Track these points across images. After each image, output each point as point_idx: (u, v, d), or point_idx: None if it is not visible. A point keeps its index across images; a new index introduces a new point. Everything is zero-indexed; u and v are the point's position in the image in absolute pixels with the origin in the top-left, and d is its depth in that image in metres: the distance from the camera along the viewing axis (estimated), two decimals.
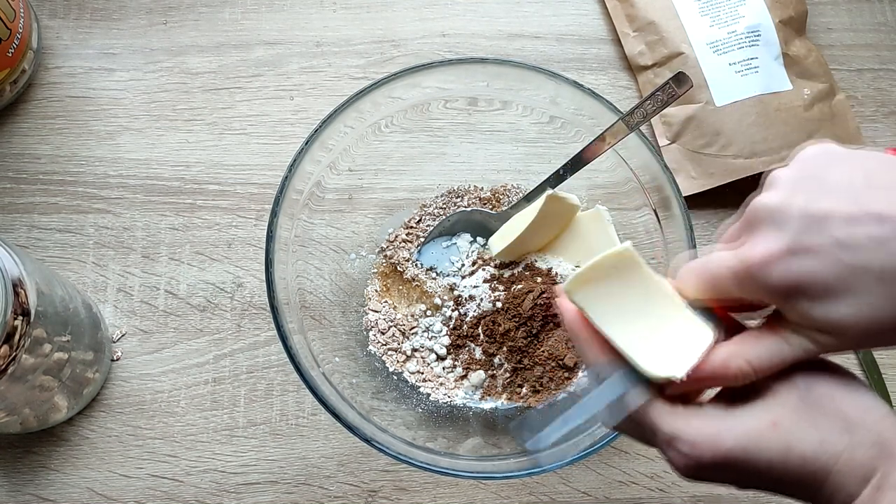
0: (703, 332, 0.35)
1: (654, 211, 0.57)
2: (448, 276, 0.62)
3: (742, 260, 0.33)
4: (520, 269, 0.60)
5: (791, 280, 0.31)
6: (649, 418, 0.35)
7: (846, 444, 0.32)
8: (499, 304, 0.59)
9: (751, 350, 0.34)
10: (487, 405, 0.59)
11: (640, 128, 0.53)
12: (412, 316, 0.61)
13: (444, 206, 0.64)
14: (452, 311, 0.60)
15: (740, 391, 0.35)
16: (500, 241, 0.60)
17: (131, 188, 0.66)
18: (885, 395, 0.61)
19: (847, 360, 0.63)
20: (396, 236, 0.63)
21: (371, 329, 0.60)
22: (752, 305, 0.36)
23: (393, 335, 0.60)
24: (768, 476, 0.33)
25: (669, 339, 0.35)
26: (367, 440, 0.49)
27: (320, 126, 0.55)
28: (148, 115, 0.68)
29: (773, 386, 0.34)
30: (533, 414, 0.35)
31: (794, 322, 0.33)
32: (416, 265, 0.62)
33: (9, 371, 0.47)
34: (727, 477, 0.34)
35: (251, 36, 0.71)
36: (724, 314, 0.37)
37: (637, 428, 0.36)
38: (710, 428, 0.34)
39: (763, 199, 0.33)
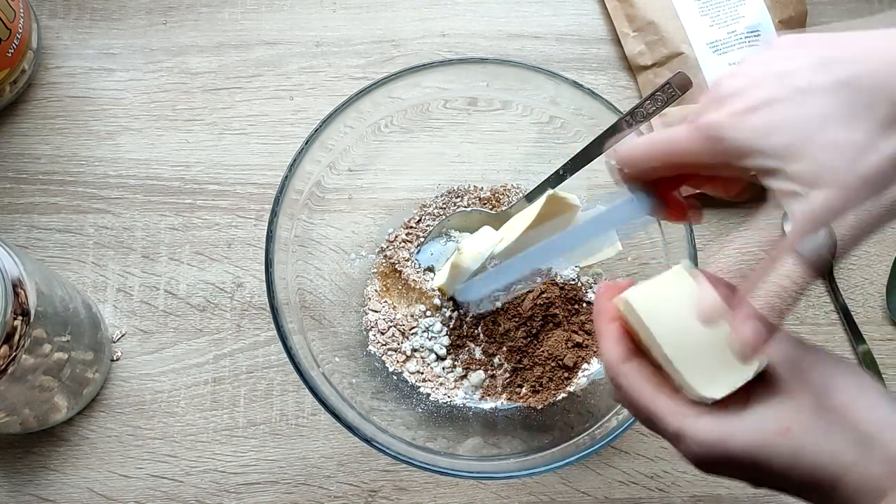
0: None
1: None
2: None
3: (704, 122, 0.33)
4: None
5: (752, 133, 0.31)
6: (657, 415, 0.35)
7: (858, 458, 0.31)
8: (498, 304, 0.59)
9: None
10: (487, 405, 0.59)
11: (640, 127, 0.53)
12: (412, 316, 0.61)
13: (444, 206, 0.64)
14: (452, 311, 0.60)
15: (756, 387, 0.34)
16: (473, 246, 0.58)
17: (131, 188, 0.66)
18: None
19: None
20: (396, 236, 0.63)
21: (371, 329, 0.60)
22: (686, 179, 0.36)
23: (393, 335, 0.60)
24: (779, 478, 0.33)
25: (719, 361, 0.34)
26: (367, 440, 0.49)
27: (320, 126, 0.55)
28: (148, 115, 0.68)
29: (789, 385, 0.33)
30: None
31: (771, 188, 0.32)
32: (415, 265, 0.62)
33: (9, 371, 0.47)
34: (737, 475, 0.34)
35: (251, 36, 0.71)
36: (665, 193, 0.38)
37: (647, 421, 0.36)
38: (719, 429, 0.33)
39: (725, 74, 0.34)
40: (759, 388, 0.34)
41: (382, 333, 0.60)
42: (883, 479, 0.31)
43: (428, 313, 0.61)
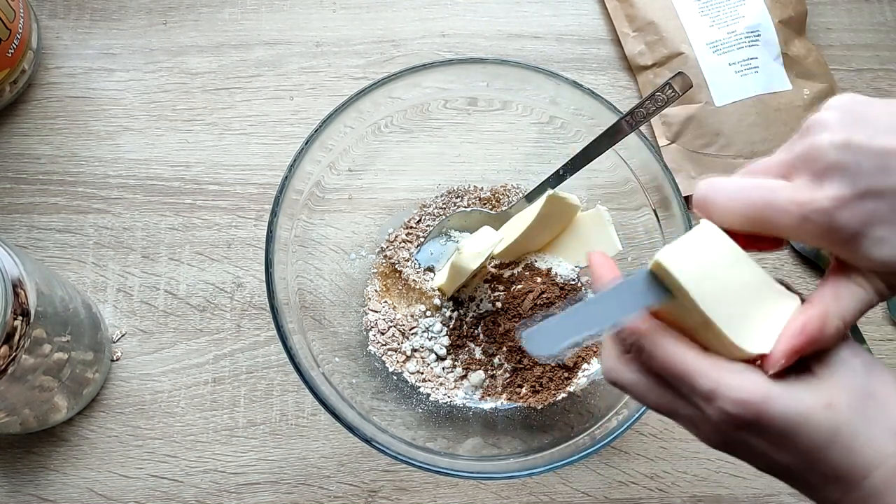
0: (789, 302, 0.34)
1: (654, 211, 0.57)
2: None
3: (807, 202, 0.32)
4: (519, 269, 0.60)
5: (859, 223, 0.31)
6: (687, 367, 0.33)
7: (893, 449, 0.31)
8: (498, 305, 0.59)
9: (838, 305, 0.32)
10: (487, 405, 0.59)
11: (640, 128, 0.53)
12: (412, 316, 0.61)
13: (444, 206, 0.64)
14: (452, 311, 0.60)
15: (802, 363, 0.33)
16: (473, 245, 0.57)
17: (131, 188, 0.66)
18: None
19: None
20: (396, 236, 0.63)
21: (371, 329, 0.60)
22: (771, 242, 0.35)
23: (393, 335, 0.60)
24: (806, 456, 0.31)
25: (760, 313, 0.33)
26: (367, 440, 0.49)
27: (320, 126, 0.55)
28: (148, 115, 0.68)
29: (836, 367, 0.33)
30: (543, 324, 0.34)
31: (860, 267, 0.32)
32: (415, 265, 0.62)
33: (9, 371, 0.47)
34: (758, 449, 0.32)
35: (251, 36, 0.71)
36: (744, 245, 0.35)
37: (668, 382, 0.34)
38: (760, 389, 0.32)
39: (823, 139, 0.32)
40: (804, 364, 0.33)
41: (382, 333, 0.60)
42: None
43: (428, 313, 0.61)
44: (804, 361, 0.33)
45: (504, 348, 0.58)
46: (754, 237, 0.34)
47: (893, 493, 0.30)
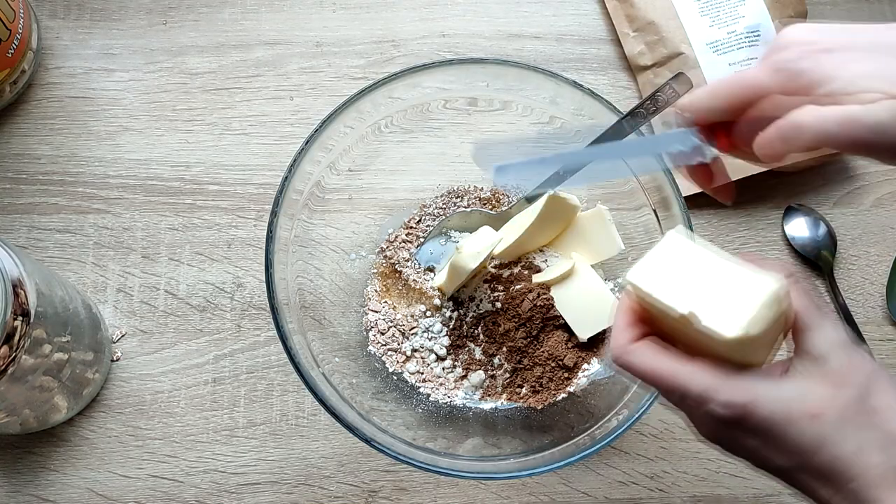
0: (767, 282, 0.34)
1: (654, 211, 0.57)
2: None
3: (778, 58, 0.36)
4: (519, 268, 0.60)
5: (824, 68, 0.35)
6: (679, 378, 0.34)
7: (882, 461, 0.31)
8: (498, 305, 0.59)
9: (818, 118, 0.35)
10: (487, 405, 0.59)
11: (640, 128, 0.53)
12: (412, 316, 0.61)
13: (444, 206, 0.64)
14: (452, 311, 0.60)
15: (801, 362, 0.34)
16: (472, 245, 0.57)
17: (131, 188, 0.66)
18: None
19: None
20: (396, 236, 0.63)
21: (371, 329, 0.60)
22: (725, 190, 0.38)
23: (393, 335, 0.60)
24: (796, 458, 0.32)
25: (736, 299, 0.34)
26: (368, 440, 0.49)
27: (320, 126, 0.55)
28: (148, 116, 0.68)
29: (834, 372, 0.33)
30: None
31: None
32: (415, 265, 0.62)
33: (9, 371, 0.47)
34: (749, 447, 0.34)
35: (251, 36, 0.71)
36: (727, 145, 0.40)
37: (664, 390, 0.35)
38: (750, 390, 0.33)
39: (792, 25, 0.38)
40: (803, 364, 0.34)
41: (382, 334, 0.60)
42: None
43: (428, 313, 0.61)
44: (810, 364, 0.33)
45: (504, 348, 0.58)
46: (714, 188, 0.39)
47: (873, 498, 0.31)
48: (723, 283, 0.34)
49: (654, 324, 0.37)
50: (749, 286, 0.34)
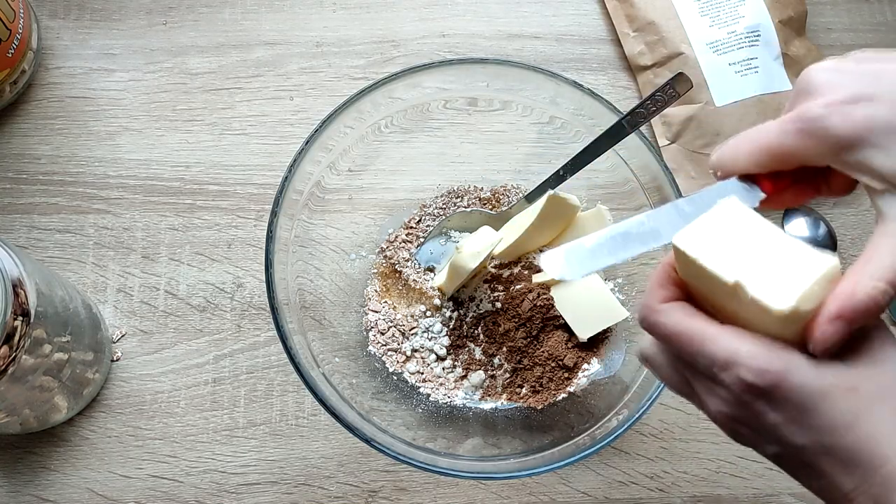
0: (824, 260, 0.32)
1: None
2: None
3: (801, 113, 0.32)
4: (519, 268, 0.60)
5: (855, 125, 0.31)
6: (708, 342, 0.32)
7: None
8: (498, 305, 0.59)
9: (869, 265, 0.31)
10: (487, 405, 0.59)
11: (640, 128, 0.53)
12: (412, 316, 0.61)
13: (444, 206, 0.64)
14: (452, 311, 0.60)
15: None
16: (472, 245, 0.57)
17: (131, 188, 0.66)
18: None
19: None
20: (396, 236, 0.63)
21: (371, 329, 0.60)
22: (803, 178, 0.34)
23: (393, 335, 0.60)
24: (823, 437, 0.30)
25: (787, 273, 0.31)
26: (368, 441, 0.49)
27: (320, 126, 0.55)
28: (148, 116, 0.68)
29: (873, 355, 0.31)
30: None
31: (865, 183, 0.32)
32: (415, 265, 0.62)
33: (9, 371, 0.47)
34: (775, 420, 0.31)
35: (251, 36, 0.71)
36: (772, 189, 0.35)
37: (690, 353, 0.33)
38: (783, 358, 0.30)
39: (815, 67, 0.33)
40: (839, 353, 0.32)
41: (382, 334, 0.60)
42: None
43: (428, 313, 0.61)
44: (847, 348, 0.31)
45: (504, 348, 0.58)
46: (783, 186, 0.34)
47: None
48: (776, 256, 0.32)
49: (693, 295, 0.35)
50: (804, 261, 0.32)
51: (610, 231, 0.33)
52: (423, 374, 0.60)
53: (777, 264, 0.32)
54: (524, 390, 0.58)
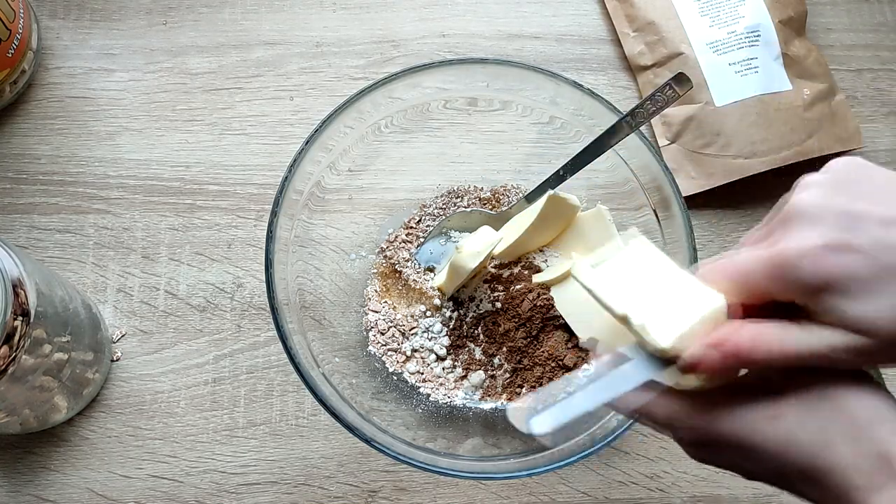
0: (712, 297, 0.33)
1: (654, 211, 0.57)
2: None
3: (777, 252, 0.32)
4: (519, 268, 0.60)
5: (825, 274, 0.31)
6: (651, 412, 0.35)
7: (850, 453, 0.31)
8: (498, 305, 0.59)
9: (781, 333, 0.32)
10: (487, 405, 0.59)
11: (640, 128, 0.53)
12: (412, 316, 0.61)
13: (444, 206, 0.64)
14: (452, 311, 0.60)
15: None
16: (472, 244, 0.57)
17: (131, 188, 0.66)
18: None
19: None
20: (396, 237, 0.63)
21: (371, 329, 0.60)
22: (777, 309, 0.34)
23: (393, 335, 0.60)
24: (771, 464, 0.33)
25: (679, 307, 0.33)
26: (368, 441, 0.49)
27: (320, 126, 0.55)
28: (148, 116, 0.68)
29: (787, 384, 0.33)
30: (535, 398, 0.34)
31: (824, 321, 0.32)
32: (415, 265, 0.62)
33: (9, 371, 0.47)
34: (730, 461, 0.34)
35: (251, 36, 0.71)
36: (743, 313, 0.35)
37: (642, 421, 0.36)
38: (707, 411, 0.33)
39: (801, 198, 0.33)
40: (772, 386, 0.34)
41: (382, 334, 0.60)
42: (873, 475, 0.31)
43: (428, 314, 0.61)
44: (773, 382, 0.33)
45: (504, 348, 0.58)
46: (764, 308, 0.34)
47: (853, 494, 0.31)
48: (671, 293, 0.34)
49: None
50: (694, 299, 0.33)
51: (584, 385, 0.34)
52: (423, 374, 0.60)
53: (669, 301, 0.33)
54: (524, 390, 0.58)
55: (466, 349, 0.60)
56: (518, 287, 0.59)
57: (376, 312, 0.61)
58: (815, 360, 0.32)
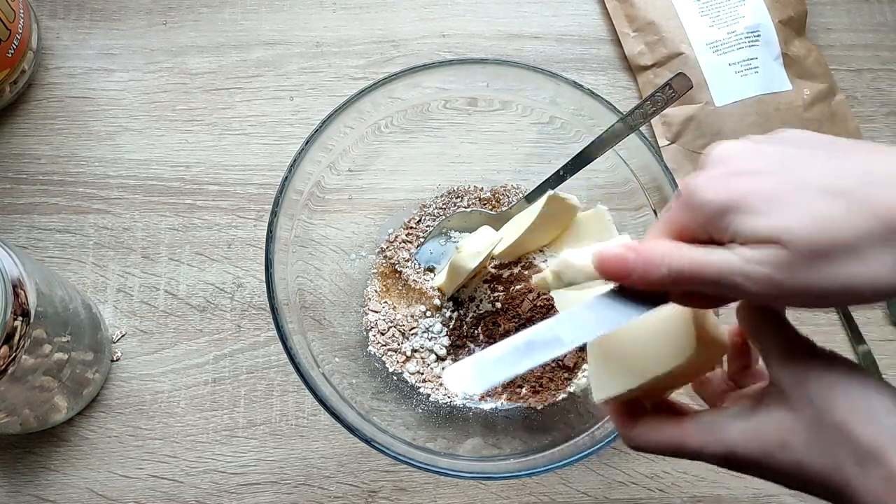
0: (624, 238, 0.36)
1: (654, 211, 0.57)
2: None
3: (684, 184, 0.33)
4: (518, 268, 0.60)
5: (728, 195, 0.31)
6: (679, 444, 0.36)
7: (859, 473, 0.31)
8: (498, 305, 0.59)
9: (700, 249, 0.31)
10: (487, 405, 0.59)
11: (640, 128, 0.53)
12: (412, 316, 0.61)
13: (444, 206, 0.64)
14: (452, 311, 0.60)
15: (762, 395, 0.34)
16: (472, 245, 0.57)
17: (131, 188, 0.66)
18: None
19: None
20: (396, 237, 0.63)
21: (371, 329, 0.60)
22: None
23: (393, 336, 0.60)
24: (791, 481, 0.33)
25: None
26: (368, 441, 0.49)
27: (320, 126, 0.55)
28: (148, 116, 0.68)
29: (791, 398, 0.33)
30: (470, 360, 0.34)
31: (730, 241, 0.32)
32: (415, 265, 0.62)
33: (9, 371, 0.47)
34: (755, 473, 0.35)
35: (251, 36, 0.71)
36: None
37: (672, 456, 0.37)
38: (722, 443, 0.34)
39: (720, 142, 0.34)
40: (769, 391, 0.34)
41: (382, 334, 0.60)
42: (884, 496, 0.30)
43: (428, 314, 0.61)
44: (768, 394, 0.34)
45: None
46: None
47: None
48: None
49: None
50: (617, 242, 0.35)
51: (514, 341, 0.34)
52: (423, 374, 0.60)
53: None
54: (524, 390, 0.58)
55: (466, 349, 0.60)
56: (518, 287, 0.59)
57: (376, 312, 0.61)
58: (730, 279, 0.30)
